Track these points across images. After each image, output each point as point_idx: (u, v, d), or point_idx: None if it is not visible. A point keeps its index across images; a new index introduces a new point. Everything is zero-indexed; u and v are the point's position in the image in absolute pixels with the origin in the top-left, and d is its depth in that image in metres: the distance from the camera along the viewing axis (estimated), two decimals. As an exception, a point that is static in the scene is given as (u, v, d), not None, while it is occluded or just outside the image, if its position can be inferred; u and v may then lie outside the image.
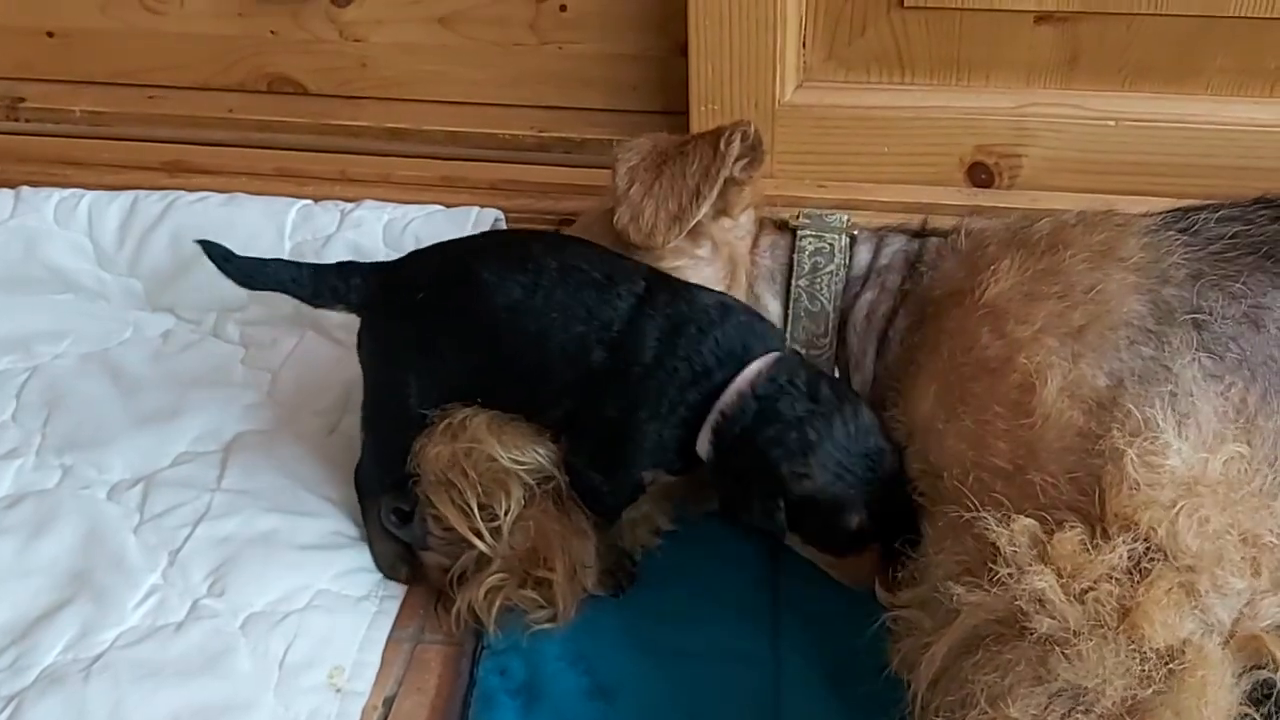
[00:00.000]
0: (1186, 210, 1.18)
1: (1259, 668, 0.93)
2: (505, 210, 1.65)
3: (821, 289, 1.30)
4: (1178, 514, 0.93)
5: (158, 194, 1.69)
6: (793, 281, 1.31)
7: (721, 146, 1.25)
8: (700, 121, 1.62)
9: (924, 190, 1.61)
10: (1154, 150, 1.53)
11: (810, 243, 1.32)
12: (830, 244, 1.31)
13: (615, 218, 1.27)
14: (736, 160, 1.26)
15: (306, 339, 1.63)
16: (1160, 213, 1.20)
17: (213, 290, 1.64)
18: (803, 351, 1.29)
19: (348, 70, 1.79)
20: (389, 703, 1.25)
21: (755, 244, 1.36)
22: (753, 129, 1.27)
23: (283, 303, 1.59)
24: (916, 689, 0.97)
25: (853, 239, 1.33)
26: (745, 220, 1.35)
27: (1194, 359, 1.04)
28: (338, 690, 1.23)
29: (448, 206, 1.64)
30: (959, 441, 1.09)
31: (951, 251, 1.27)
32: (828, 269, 1.30)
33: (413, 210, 1.63)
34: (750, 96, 1.59)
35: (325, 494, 1.42)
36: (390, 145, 1.75)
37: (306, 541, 1.35)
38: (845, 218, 1.35)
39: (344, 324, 1.61)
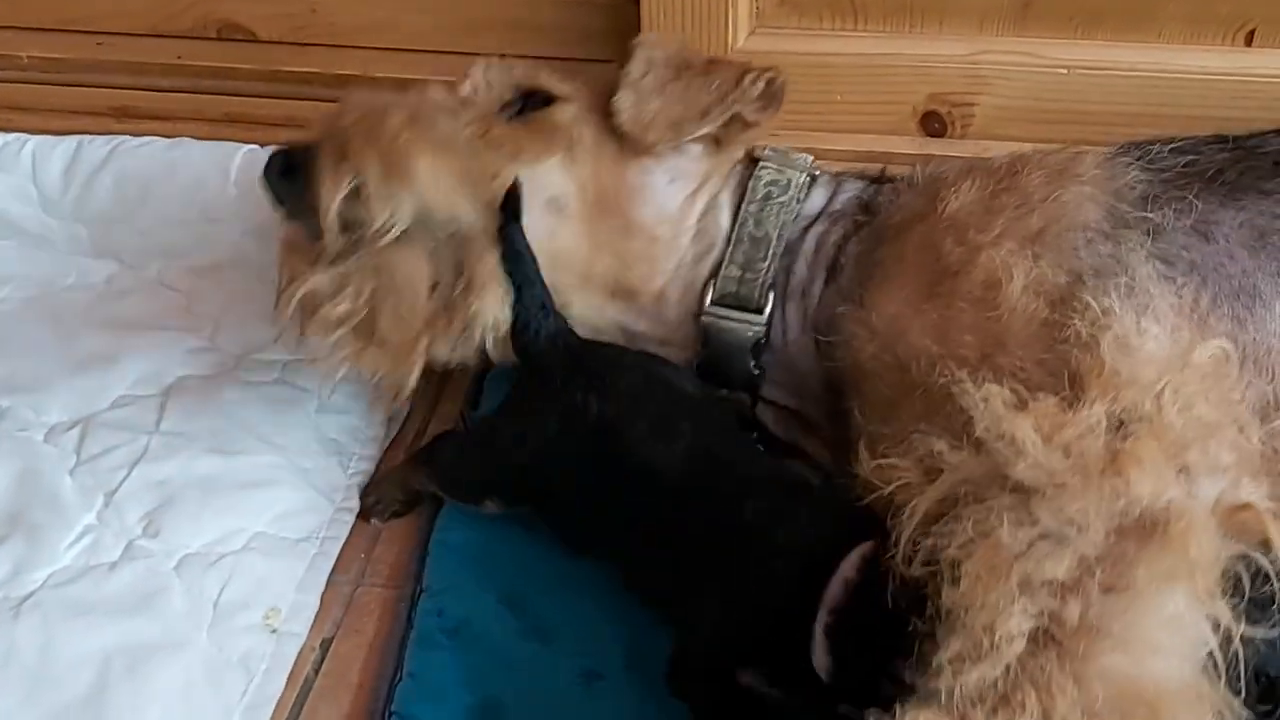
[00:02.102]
0: (1140, 143, 1.21)
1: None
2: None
3: (769, 216, 1.30)
4: (1162, 390, 0.93)
5: (102, 139, 1.67)
6: (743, 206, 1.30)
7: (746, 82, 1.27)
8: (652, 70, 1.61)
9: (877, 139, 1.60)
10: (1106, 99, 1.52)
11: (768, 173, 1.32)
12: (789, 179, 1.32)
13: (615, 98, 1.27)
14: (753, 101, 1.27)
15: (252, 285, 1.60)
16: (1116, 145, 1.23)
17: (157, 236, 1.64)
18: (738, 273, 1.29)
19: (298, 17, 1.76)
20: (326, 645, 1.25)
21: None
22: (780, 79, 1.29)
23: (228, 249, 1.58)
24: (900, 535, 0.95)
25: (813, 179, 1.34)
26: (727, 156, 1.35)
27: (1148, 259, 1.08)
28: (273, 631, 1.23)
29: (395, 151, 1.61)
30: (925, 336, 1.10)
31: (908, 187, 1.29)
32: (779, 199, 1.30)
33: (359, 154, 1.60)
34: (703, 43, 1.57)
35: (266, 438, 1.40)
36: (340, 92, 1.70)
37: (245, 484, 1.34)
38: (809, 159, 1.35)
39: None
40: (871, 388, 1.16)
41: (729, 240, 1.30)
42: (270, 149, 1.43)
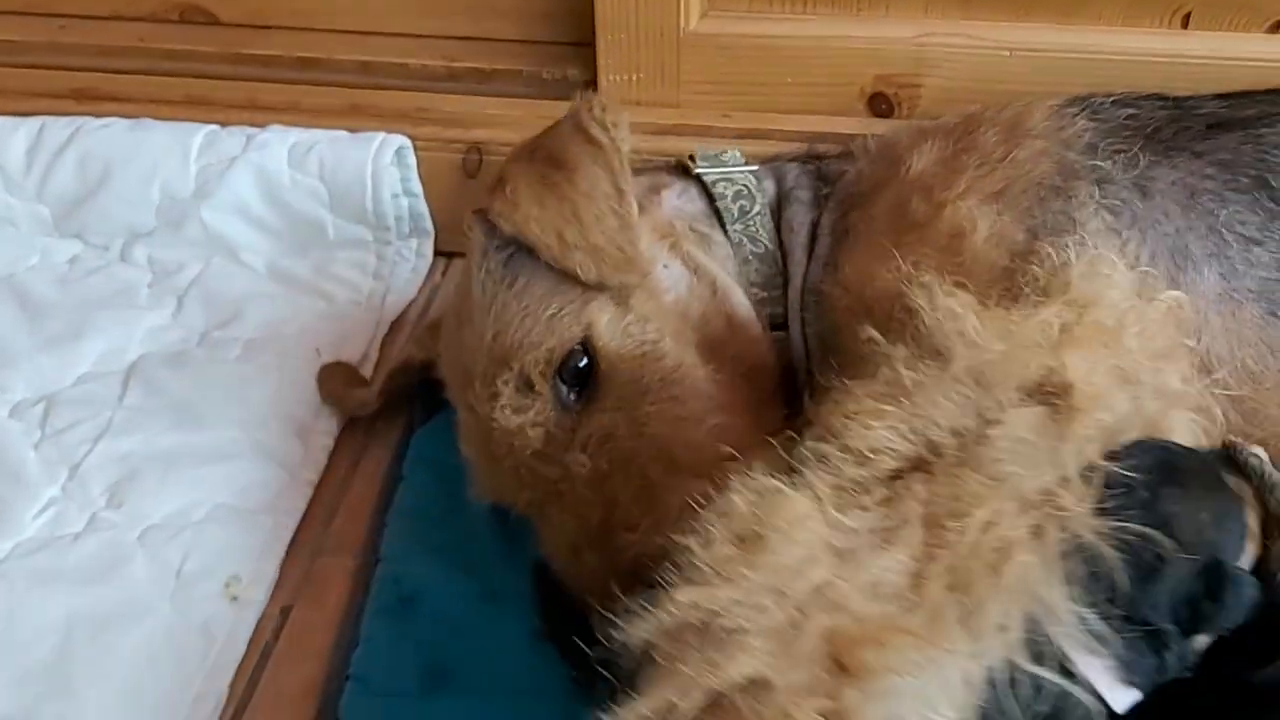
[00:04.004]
0: (1085, 96, 1.26)
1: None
2: (412, 138, 1.66)
3: (758, 230, 1.31)
4: (1126, 312, 0.97)
5: (65, 120, 1.69)
6: (728, 229, 1.30)
7: (604, 140, 1.18)
8: (607, 53, 1.64)
9: (826, 120, 1.63)
10: (1047, 80, 1.55)
11: (724, 187, 1.32)
12: (744, 185, 1.33)
13: (579, 269, 1.15)
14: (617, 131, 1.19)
15: (213, 264, 1.64)
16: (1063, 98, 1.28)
17: (120, 216, 1.67)
18: (765, 295, 1.28)
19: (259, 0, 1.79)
20: (286, 612, 1.28)
21: (657, 195, 1.33)
22: (597, 98, 1.22)
23: (191, 228, 1.61)
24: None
25: (754, 171, 1.36)
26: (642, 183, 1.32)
27: (1096, 211, 1.14)
28: (234, 599, 1.26)
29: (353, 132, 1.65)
30: (890, 281, 1.12)
31: (863, 154, 1.33)
32: (755, 211, 1.31)
33: (318, 134, 1.63)
34: (655, 25, 1.60)
35: (227, 414, 1.43)
36: (301, 74, 1.75)
37: (206, 458, 1.38)
38: (738, 154, 1.37)
39: (252, 248, 1.64)
40: (844, 341, 1.19)
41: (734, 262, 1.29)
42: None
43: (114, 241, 1.68)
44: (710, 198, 1.32)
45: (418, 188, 1.67)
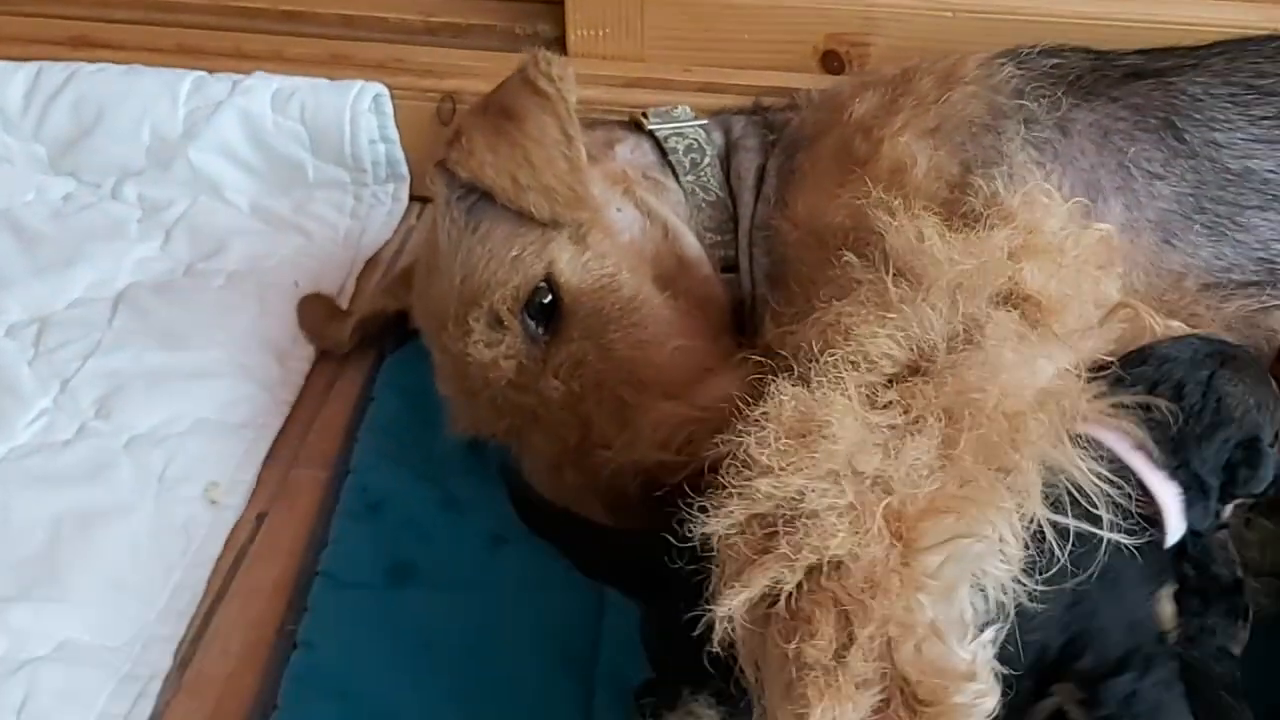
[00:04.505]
0: (1014, 48, 1.36)
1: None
2: (389, 87, 1.75)
3: (708, 180, 1.39)
4: (1065, 237, 1.06)
5: (61, 65, 1.77)
6: (680, 179, 1.39)
7: (551, 90, 1.27)
8: (576, 9, 1.74)
9: (781, 76, 1.71)
10: (989, 41, 1.59)
11: (676, 141, 1.41)
12: (695, 138, 1.41)
13: (533, 208, 1.24)
14: (558, 77, 1.27)
15: (199, 202, 1.73)
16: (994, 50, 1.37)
17: (112, 155, 1.76)
18: (718, 238, 1.37)
19: (246, -48, 1.87)
20: (261, 518, 1.37)
21: (611, 149, 1.42)
22: (543, 53, 1.29)
23: (179, 168, 1.71)
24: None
25: (704, 127, 1.44)
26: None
27: (1023, 146, 1.24)
28: (213, 503, 1.35)
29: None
30: (840, 215, 1.22)
31: (807, 104, 1.43)
32: (705, 163, 1.40)
33: (300, 82, 1.73)
34: (618, -16, 1.69)
35: (211, 337, 1.53)
36: (284, 26, 1.83)
37: (190, 376, 1.47)
38: (687, 109, 1.45)
39: (236, 187, 1.73)
40: (794, 272, 1.28)
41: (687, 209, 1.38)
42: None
43: (106, 179, 1.77)
44: (663, 151, 1.41)
45: (394, 134, 1.76)
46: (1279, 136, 1.21)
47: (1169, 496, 0.98)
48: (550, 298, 1.24)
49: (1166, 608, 0.97)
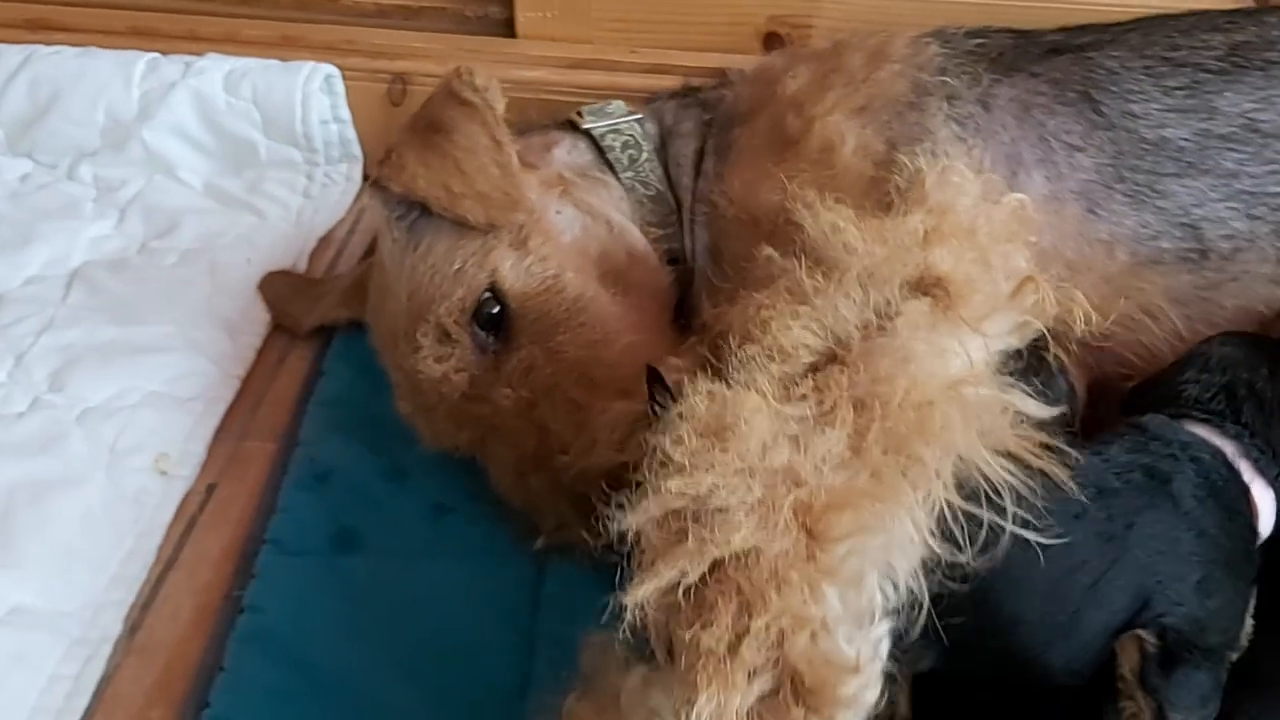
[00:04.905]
0: (942, 28, 1.41)
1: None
2: (341, 68, 1.78)
3: (648, 175, 1.42)
4: (976, 215, 1.09)
5: (17, 47, 1.80)
6: (620, 176, 1.42)
7: (476, 100, 1.28)
8: (525, -8, 1.77)
9: (724, 57, 1.74)
10: (929, 22, 1.65)
11: (613, 139, 1.43)
12: (631, 134, 1.44)
13: (468, 215, 1.26)
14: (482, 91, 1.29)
15: (153, 181, 1.76)
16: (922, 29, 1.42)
17: (67, 136, 1.78)
18: (661, 233, 1.40)
19: (200, -64, 1.89)
20: (211, 489, 1.40)
21: (549, 152, 1.44)
22: (466, 67, 1.31)
23: (134, 148, 1.73)
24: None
25: (639, 119, 1.47)
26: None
27: (945, 122, 1.28)
28: (163, 474, 1.38)
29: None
30: (773, 193, 1.25)
31: (740, 79, 1.46)
32: (644, 158, 1.43)
33: (251, 63, 1.76)
34: (561, -38, 1.72)
35: (163, 313, 1.55)
36: (237, 9, 1.86)
37: (142, 350, 1.50)
38: (620, 104, 1.48)
39: (189, 166, 1.76)
40: (729, 247, 1.32)
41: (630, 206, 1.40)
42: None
43: (62, 160, 1.79)
44: (600, 150, 1.43)
45: (346, 115, 1.79)
46: (1191, 106, 1.25)
47: (1266, 501, 1.03)
48: (497, 307, 1.26)
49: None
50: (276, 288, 1.62)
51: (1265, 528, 1.03)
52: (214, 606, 1.27)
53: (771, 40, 1.75)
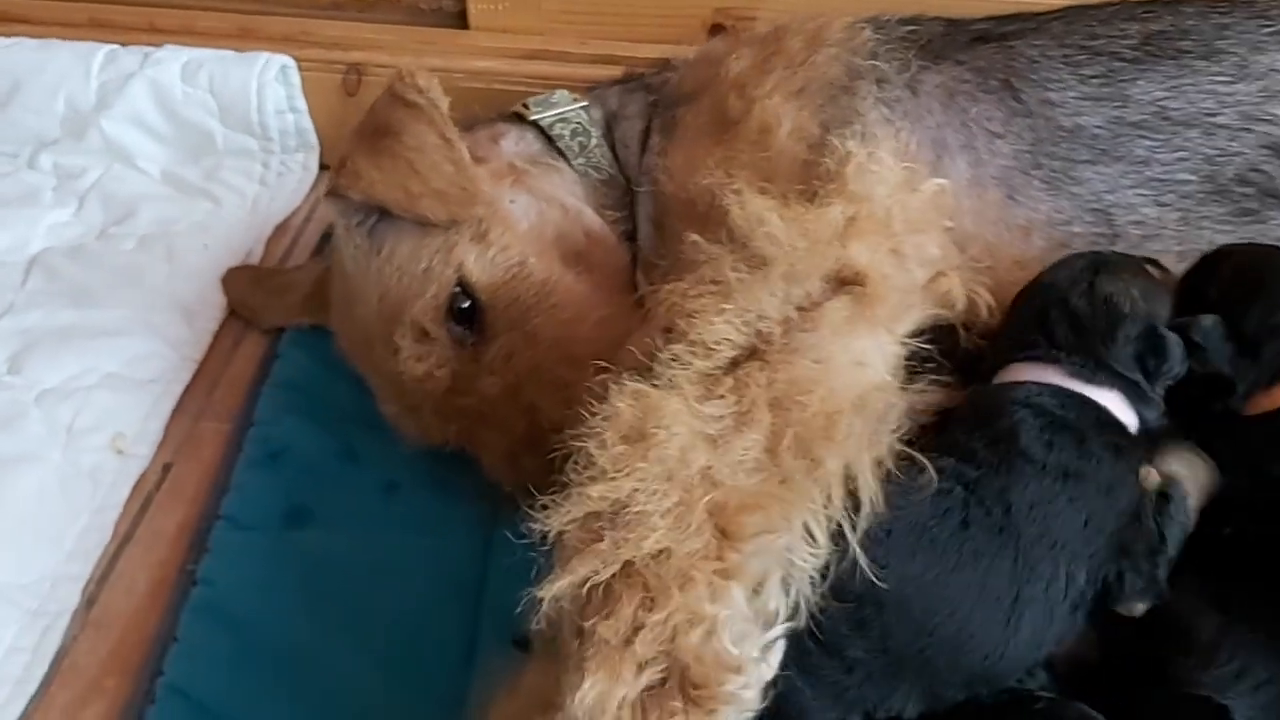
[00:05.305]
0: (878, 14, 1.45)
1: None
2: (297, 59, 1.82)
3: (599, 159, 1.46)
4: (891, 204, 1.14)
5: (-25, 39, 1.83)
6: (572, 163, 1.45)
7: (421, 101, 1.30)
8: (476, -16, 1.81)
9: (672, 49, 1.76)
10: (866, 9, 1.71)
11: (561, 127, 1.46)
12: (578, 122, 1.47)
13: (428, 213, 1.28)
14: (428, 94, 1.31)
15: (112, 170, 1.79)
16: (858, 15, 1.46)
17: (28, 126, 1.82)
18: (616, 215, 1.43)
19: (159, -71, 1.92)
20: (167, 468, 1.45)
21: (496, 144, 1.47)
22: (406, 70, 1.33)
23: (93, 137, 1.77)
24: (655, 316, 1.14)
25: (584, 107, 1.50)
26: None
27: (875, 105, 1.32)
28: (119, 453, 1.42)
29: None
30: (711, 173, 1.29)
31: (683, 62, 1.50)
32: (593, 144, 1.46)
33: (208, 54, 1.79)
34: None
35: (121, 297, 1.59)
36: (195, 1, 1.89)
37: (99, 333, 1.53)
38: (566, 93, 1.51)
39: (147, 155, 1.79)
40: (669, 222, 1.36)
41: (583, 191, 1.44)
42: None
43: (22, 149, 1.83)
44: (548, 139, 1.46)
45: (302, 104, 1.83)
46: (1107, 94, 1.30)
47: (1108, 398, 1.07)
48: (469, 301, 1.29)
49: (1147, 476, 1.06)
50: (239, 283, 1.65)
51: (1129, 420, 1.08)
52: (169, 580, 1.31)
53: (717, 32, 1.79)
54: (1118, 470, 1.03)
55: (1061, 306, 1.11)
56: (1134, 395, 1.08)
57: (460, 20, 1.85)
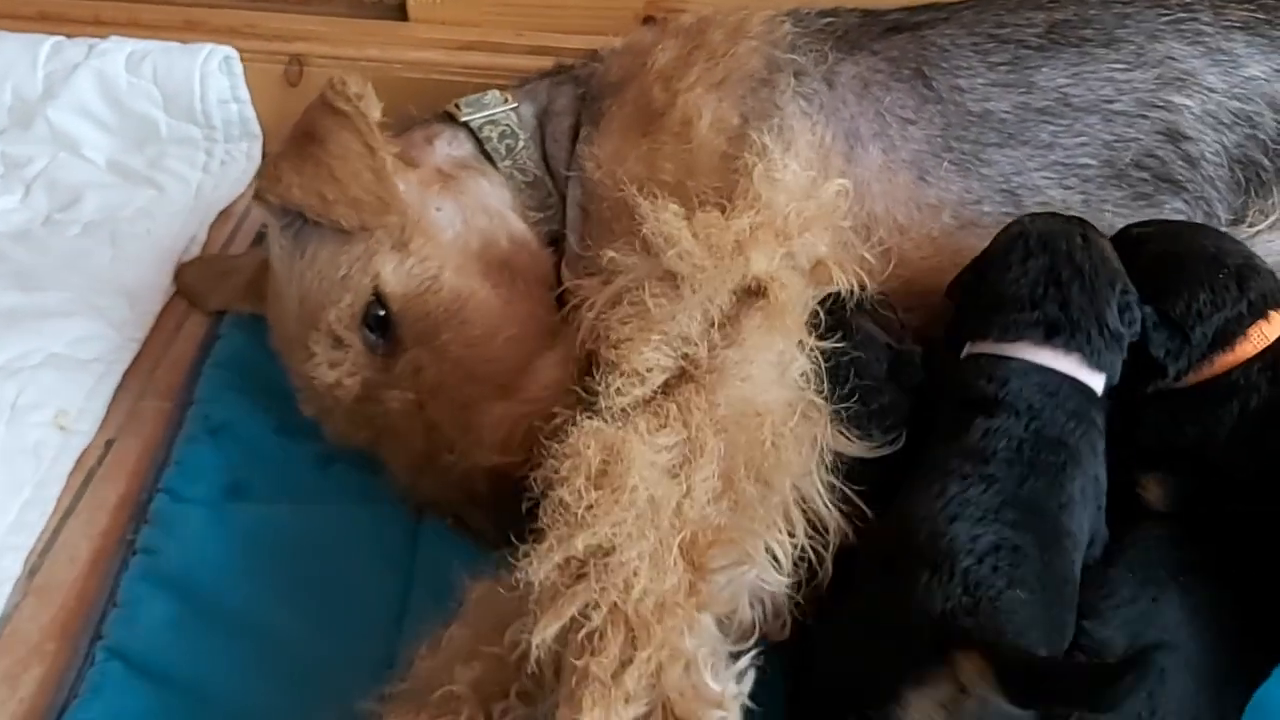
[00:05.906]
0: (797, 8, 1.50)
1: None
2: (241, 50, 1.86)
3: (525, 162, 1.49)
4: (789, 212, 1.19)
5: (-76, 31, 1.86)
6: (499, 165, 1.48)
7: (349, 109, 1.32)
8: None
9: (606, 40, 1.81)
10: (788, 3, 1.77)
11: (490, 130, 1.49)
12: (507, 124, 1.50)
13: (342, 220, 1.30)
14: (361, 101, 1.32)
15: (58, 158, 1.83)
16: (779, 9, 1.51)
17: (-25, 116, 1.85)
18: (541, 215, 1.47)
19: (105, -76, 1.96)
20: (109, 444, 1.48)
21: (430, 145, 1.49)
22: (339, 77, 1.34)
23: (39, 126, 1.80)
24: (580, 324, 1.19)
25: (515, 107, 1.53)
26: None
27: (793, 98, 1.37)
28: (62, 429, 1.45)
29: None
30: (637, 164, 1.35)
31: (610, 52, 1.54)
32: (520, 146, 1.49)
33: (153, 45, 1.84)
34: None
35: (66, 281, 1.63)
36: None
37: (44, 315, 1.57)
38: (496, 93, 1.53)
39: (92, 144, 1.83)
40: (595, 210, 1.40)
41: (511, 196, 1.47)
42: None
43: (-30, 138, 1.86)
44: (478, 141, 1.49)
45: (245, 94, 1.87)
46: (1013, 80, 1.36)
47: (1071, 365, 1.14)
48: (383, 310, 1.31)
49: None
50: (189, 274, 1.68)
51: (1097, 384, 1.15)
52: (110, 550, 1.35)
53: (649, 23, 1.84)
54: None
55: (1069, 260, 1.17)
56: (1117, 349, 1.15)
57: (400, 12, 1.90)
